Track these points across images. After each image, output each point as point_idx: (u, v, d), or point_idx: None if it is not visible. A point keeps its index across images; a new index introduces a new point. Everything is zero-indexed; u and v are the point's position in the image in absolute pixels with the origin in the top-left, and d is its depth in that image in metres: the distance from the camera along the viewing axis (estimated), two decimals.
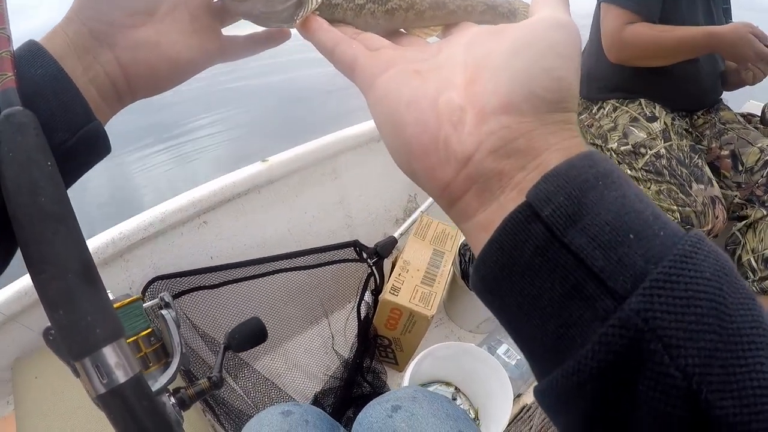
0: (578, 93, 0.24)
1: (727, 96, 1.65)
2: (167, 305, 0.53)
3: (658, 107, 1.48)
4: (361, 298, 1.21)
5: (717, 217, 1.30)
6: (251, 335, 0.71)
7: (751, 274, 1.34)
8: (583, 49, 1.67)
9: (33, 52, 0.31)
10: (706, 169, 1.37)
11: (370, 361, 1.24)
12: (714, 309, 0.18)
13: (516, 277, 0.20)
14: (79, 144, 0.32)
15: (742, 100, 2.05)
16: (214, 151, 3.22)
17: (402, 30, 0.36)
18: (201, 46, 0.37)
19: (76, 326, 0.26)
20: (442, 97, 0.25)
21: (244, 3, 0.34)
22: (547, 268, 0.19)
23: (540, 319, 0.20)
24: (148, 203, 1.87)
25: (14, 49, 0.31)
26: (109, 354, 0.26)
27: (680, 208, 1.31)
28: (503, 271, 0.21)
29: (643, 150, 1.40)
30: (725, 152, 1.44)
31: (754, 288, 1.33)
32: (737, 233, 1.40)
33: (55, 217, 0.27)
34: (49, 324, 0.42)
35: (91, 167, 0.35)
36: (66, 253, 0.27)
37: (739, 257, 1.37)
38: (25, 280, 1.00)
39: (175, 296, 1.11)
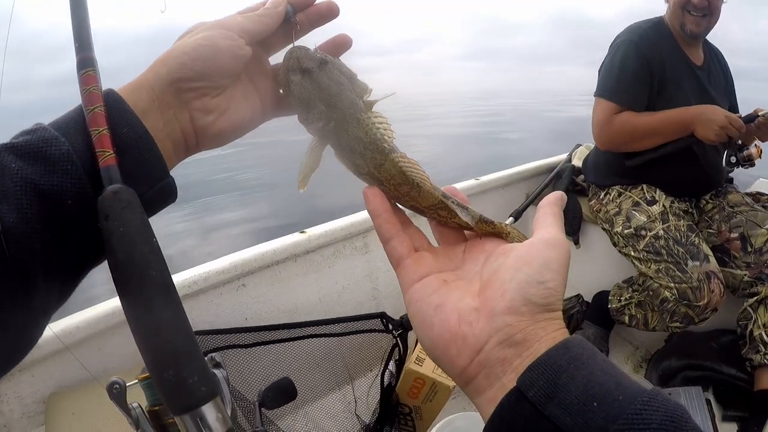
0: (563, 295, 0.31)
1: (737, 173, 1.71)
2: (218, 365, 0.60)
3: (658, 192, 1.57)
4: (386, 367, 1.28)
5: (713, 291, 1.35)
6: (283, 393, 0.78)
7: (762, 347, 1.37)
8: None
9: (119, 109, 0.34)
10: (703, 246, 1.44)
11: (390, 427, 1.28)
12: None
13: None
14: (154, 195, 0.36)
15: (752, 179, 2.11)
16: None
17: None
18: (261, 105, 0.42)
19: (183, 385, 0.29)
20: (461, 302, 0.32)
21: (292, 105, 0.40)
22: None
23: None
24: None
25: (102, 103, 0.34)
26: (209, 410, 0.30)
27: (677, 285, 1.37)
28: None
29: (643, 232, 1.49)
30: (734, 235, 1.51)
31: (765, 360, 1.35)
32: (749, 309, 1.44)
33: (163, 287, 0.31)
34: (114, 380, 0.49)
35: (158, 212, 0.38)
36: (173, 320, 0.30)
37: (751, 332, 1.41)
38: (69, 320, 1.07)
39: (206, 352, 1.18)
